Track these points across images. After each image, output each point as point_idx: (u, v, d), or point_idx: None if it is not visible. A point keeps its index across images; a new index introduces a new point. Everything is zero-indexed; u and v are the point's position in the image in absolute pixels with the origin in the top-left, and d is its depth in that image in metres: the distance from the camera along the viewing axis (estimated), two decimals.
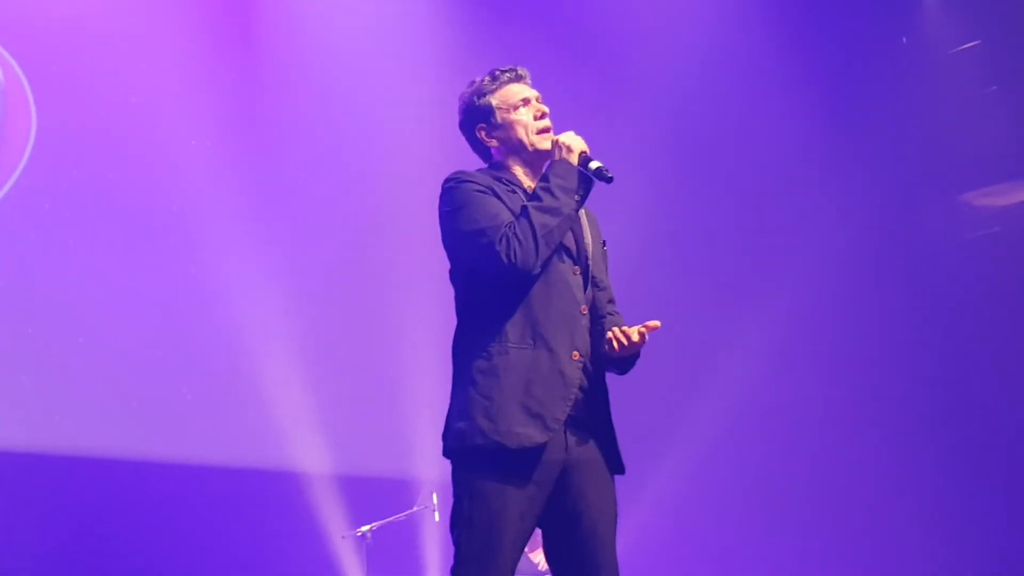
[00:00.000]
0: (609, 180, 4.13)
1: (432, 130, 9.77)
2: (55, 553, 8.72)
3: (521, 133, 4.24)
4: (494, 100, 4.27)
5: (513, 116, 4.25)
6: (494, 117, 4.26)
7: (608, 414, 4.19)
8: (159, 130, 9.44)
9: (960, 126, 10.78)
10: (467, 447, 4.00)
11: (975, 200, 11.06)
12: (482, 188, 4.10)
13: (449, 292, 4.23)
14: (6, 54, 9.25)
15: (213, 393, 9.48)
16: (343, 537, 9.08)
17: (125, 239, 9.39)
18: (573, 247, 4.18)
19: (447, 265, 4.22)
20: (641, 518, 9.64)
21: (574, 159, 4.11)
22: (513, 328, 4.03)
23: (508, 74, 4.31)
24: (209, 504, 9.19)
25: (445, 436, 4.10)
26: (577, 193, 4.07)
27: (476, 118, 4.30)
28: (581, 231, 4.26)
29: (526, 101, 4.27)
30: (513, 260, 3.95)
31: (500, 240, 3.97)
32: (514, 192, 4.15)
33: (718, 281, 10.76)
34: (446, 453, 4.10)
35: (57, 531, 8.77)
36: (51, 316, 9.11)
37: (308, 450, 9.54)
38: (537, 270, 4.01)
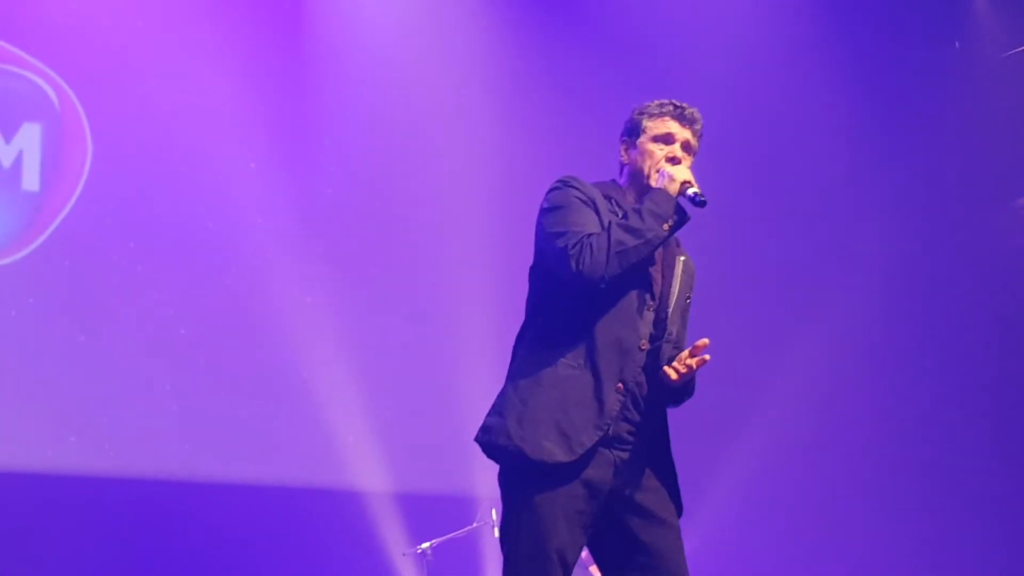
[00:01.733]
0: (702, 204, 4.12)
1: (501, 137, 9.84)
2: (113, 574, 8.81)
3: (647, 163, 4.23)
4: (647, 123, 4.27)
5: (649, 145, 4.24)
6: (637, 137, 4.28)
7: (668, 453, 4.16)
8: (212, 153, 9.50)
9: (1014, 130, 10.70)
10: (491, 443, 4.02)
11: None
12: (584, 197, 4.12)
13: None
14: (61, 80, 9.34)
15: (271, 414, 9.53)
16: (404, 555, 9.09)
17: (181, 260, 9.45)
18: (657, 288, 4.17)
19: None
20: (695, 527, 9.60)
21: (674, 188, 4.09)
22: (569, 345, 4.02)
23: (673, 108, 4.29)
24: (270, 525, 9.23)
25: (482, 429, 4.10)
26: (668, 221, 4.03)
27: (626, 131, 4.33)
28: (672, 277, 4.23)
29: (669, 139, 4.25)
30: (580, 267, 3.94)
31: (575, 245, 3.96)
32: (616, 213, 4.14)
33: (766, 294, 10.71)
34: (477, 439, 4.10)
35: (118, 553, 8.84)
36: (112, 339, 9.18)
37: (367, 468, 9.56)
38: (604, 284, 3.97)
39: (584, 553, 4.20)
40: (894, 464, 10.41)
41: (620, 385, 4.03)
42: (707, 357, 4.04)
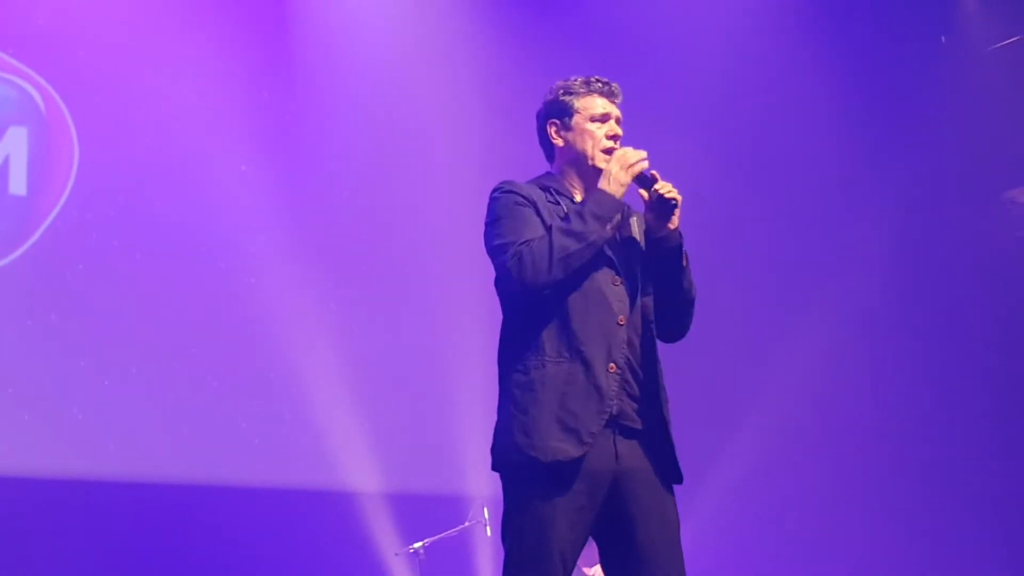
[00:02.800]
0: (653, 180, 4.14)
1: (481, 136, 9.84)
2: None
3: (587, 145, 4.23)
4: (577, 103, 4.26)
5: (587, 126, 4.23)
6: (569, 119, 4.26)
7: (664, 422, 4.14)
8: (201, 156, 9.48)
9: (1001, 123, 10.72)
10: (508, 462, 4.02)
11: (1019, 197, 10.98)
12: (522, 201, 4.11)
13: (495, 304, 4.22)
14: (47, 84, 9.32)
15: (262, 415, 9.51)
16: (396, 554, 9.09)
17: (170, 264, 9.43)
18: (618, 259, 4.16)
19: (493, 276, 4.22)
20: (693, 527, 9.60)
21: (618, 190, 4.08)
22: (550, 341, 4.02)
23: (601, 85, 4.30)
24: (262, 526, 9.21)
25: (492, 451, 4.11)
26: (610, 223, 4.03)
27: (553, 113, 4.29)
28: (630, 237, 4.25)
29: (605, 117, 4.26)
30: (523, 277, 3.95)
31: (513, 256, 3.97)
32: (558, 204, 4.15)
33: (760, 288, 10.72)
34: (494, 467, 4.11)
35: (112, 556, 8.81)
36: (101, 346, 9.16)
37: (359, 469, 9.55)
38: (548, 290, 3.99)
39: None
40: (890, 461, 10.42)
41: (612, 365, 4.03)
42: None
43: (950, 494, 10.30)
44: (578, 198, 4.22)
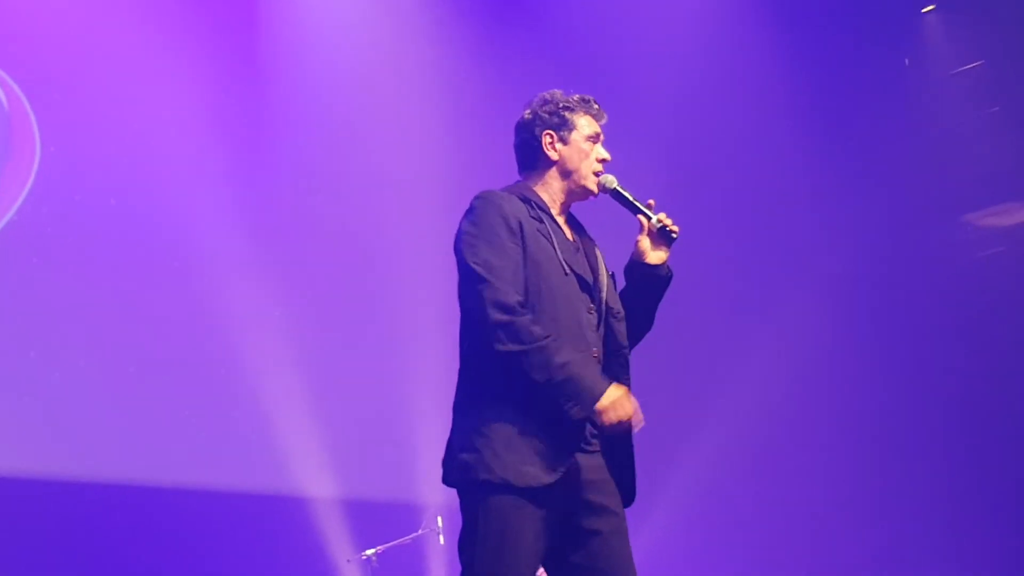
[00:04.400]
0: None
1: (444, 143, 9.83)
2: None
3: (583, 165, 4.28)
4: (575, 119, 4.30)
5: (583, 145, 4.28)
6: (568, 133, 4.28)
7: (630, 447, 4.16)
8: (164, 152, 9.44)
9: (963, 146, 10.80)
10: (472, 480, 3.97)
11: (978, 220, 11.07)
12: (510, 222, 4.06)
13: (455, 312, 4.15)
14: (8, 78, 9.26)
15: (218, 417, 9.47)
16: (348, 561, 9.06)
17: (128, 263, 9.38)
18: (590, 281, 4.19)
19: (455, 284, 4.18)
20: (647, 539, 9.62)
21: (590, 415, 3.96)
22: None
23: (596, 107, 4.35)
24: (214, 529, 9.16)
25: (447, 464, 4.06)
26: (577, 410, 3.91)
27: (551, 125, 4.30)
28: (596, 264, 4.26)
29: (597, 138, 4.32)
30: (504, 349, 3.91)
31: (506, 326, 3.91)
32: (542, 223, 4.15)
33: (720, 301, 10.77)
34: (448, 482, 4.07)
35: (56, 556, 8.75)
36: (54, 341, 9.10)
37: (313, 474, 9.53)
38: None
39: None
40: (849, 463, 10.47)
41: None
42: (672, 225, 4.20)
43: (907, 501, 10.36)
44: (555, 211, 4.23)
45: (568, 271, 4.11)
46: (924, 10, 11.15)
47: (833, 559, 10.27)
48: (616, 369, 4.16)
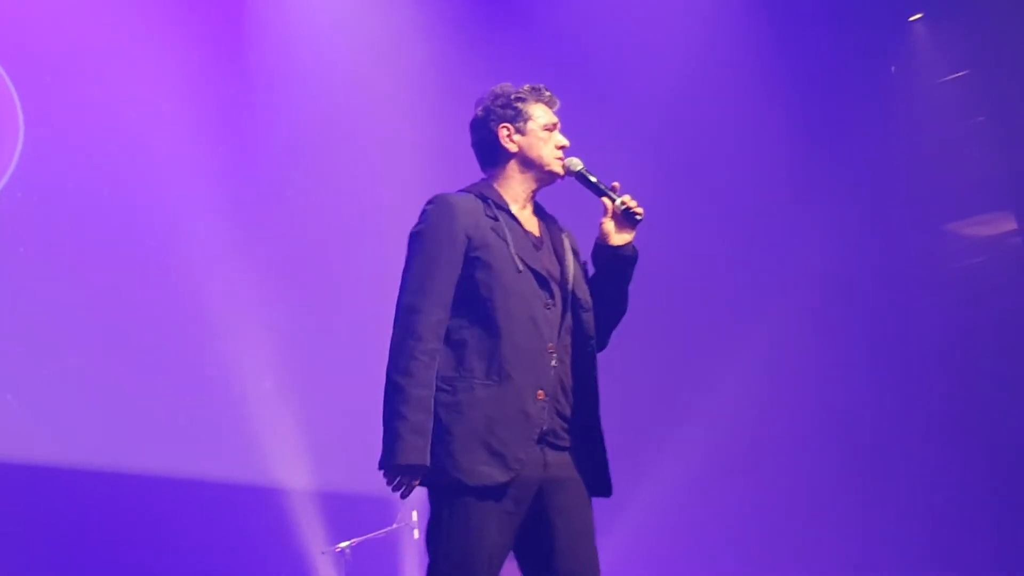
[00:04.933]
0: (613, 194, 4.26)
1: (429, 140, 9.83)
2: (30, 567, 8.68)
3: (544, 151, 4.31)
4: (531, 110, 4.33)
5: (541, 133, 4.31)
6: (523, 124, 4.32)
7: (599, 439, 4.19)
8: (149, 139, 9.43)
9: (947, 156, 10.83)
10: (433, 479, 4.01)
11: (961, 229, 11.10)
12: (449, 232, 4.11)
13: None
14: None
15: (194, 408, 9.46)
16: (323, 553, 9.06)
17: (112, 251, 9.37)
18: (552, 279, 4.20)
19: None
20: (621, 539, 9.64)
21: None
22: (480, 363, 4.04)
23: (549, 95, 4.39)
24: (189, 519, 9.15)
25: None
26: (398, 463, 3.96)
27: (506, 117, 4.33)
28: (563, 255, 4.28)
29: (554, 126, 4.35)
30: (395, 366, 4.01)
31: (412, 350, 3.99)
32: (497, 220, 4.17)
33: (704, 302, 10.80)
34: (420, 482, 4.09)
35: (33, 544, 8.72)
36: (37, 330, 9.08)
37: (289, 466, 9.52)
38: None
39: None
40: (830, 466, 10.49)
41: (540, 392, 4.06)
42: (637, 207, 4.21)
43: (888, 504, 10.38)
44: (514, 208, 4.26)
45: (522, 268, 4.13)
46: (912, 18, 11.18)
47: (814, 557, 10.28)
48: (582, 360, 4.19)
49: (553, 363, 4.10)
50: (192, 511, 9.17)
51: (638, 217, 4.23)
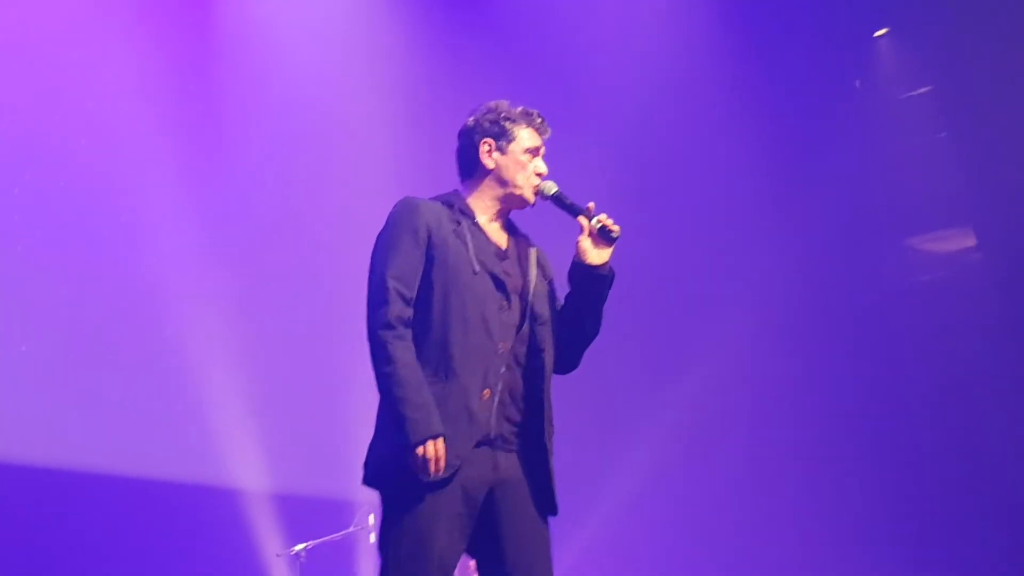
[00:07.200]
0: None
1: (392, 147, 9.82)
2: None
3: (520, 175, 4.33)
4: (516, 131, 4.35)
5: (520, 156, 4.33)
6: (506, 144, 4.33)
7: (544, 451, 4.21)
8: (109, 143, 9.37)
9: (909, 171, 10.90)
10: (382, 477, 4.08)
11: (922, 244, 11.17)
12: (414, 231, 4.15)
13: None
14: None
15: (149, 407, 9.40)
16: (277, 555, 9.02)
17: (70, 256, 9.29)
18: (512, 285, 4.24)
19: None
20: (577, 552, 9.67)
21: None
22: (428, 361, 4.08)
23: (539, 120, 4.40)
24: (143, 519, 9.10)
25: (365, 465, 4.14)
26: (410, 443, 3.98)
27: (490, 133, 4.35)
28: (527, 268, 4.30)
29: (536, 151, 4.38)
30: (374, 355, 4.07)
31: (386, 337, 4.05)
32: (459, 224, 4.20)
33: (666, 311, 10.83)
34: (366, 482, 4.15)
35: None
36: None
37: (245, 467, 9.48)
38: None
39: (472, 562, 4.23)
40: (780, 467, 10.55)
41: (486, 392, 4.09)
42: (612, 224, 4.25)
43: (836, 496, 10.45)
44: (481, 218, 4.29)
45: (479, 270, 4.16)
46: (876, 34, 11.24)
47: (781, 560, 10.34)
48: (534, 371, 4.21)
49: (503, 367, 4.14)
50: (146, 512, 9.12)
51: (614, 235, 4.27)
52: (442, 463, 3.97)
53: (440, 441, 3.96)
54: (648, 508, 10.41)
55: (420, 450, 3.94)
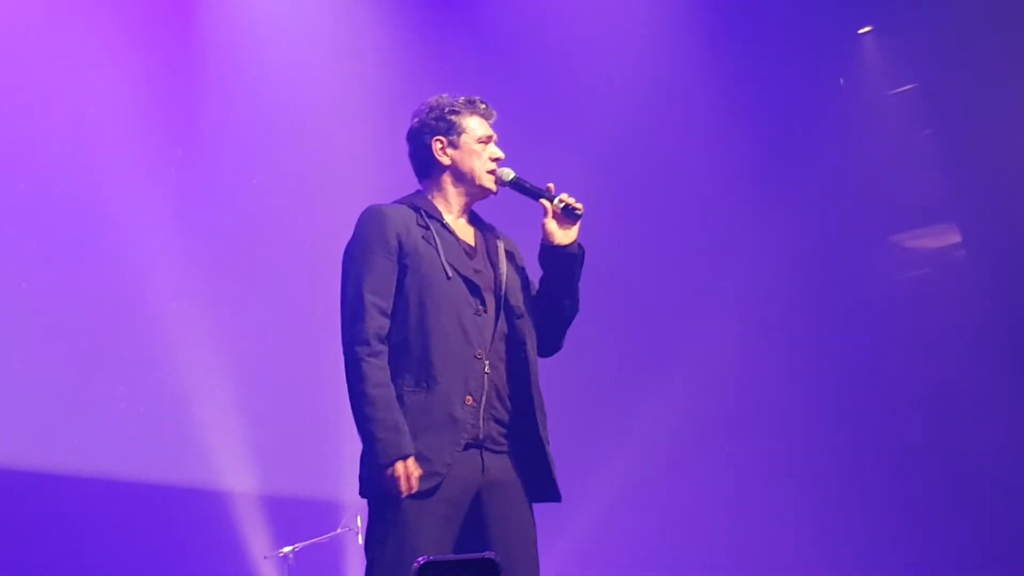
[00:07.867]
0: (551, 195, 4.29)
1: (373, 147, 9.81)
2: None
3: (476, 165, 4.34)
4: (463, 123, 4.35)
5: (474, 146, 4.34)
6: (457, 137, 4.33)
7: (540, 442, 4.20)
8: (93, 137, 9.34)
9: (894, 168, 10.91)
10: (368, 489, 4.12)
11: (906, 242, 11.19)
12: (381, 240, 4.16)
13: None
14: None
15: (138, 409, 9.38)
16: (265, 558, 9.01)
17: (55, 256, 9.25)
18: (484, 283, 4.24)
19: None
20: (567, 547, 9.65)
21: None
22: (409, 371, 4.11)
23: (484, 107, 4.42)
24: (130, 522, 9.07)
25: (360, 479, 4.17)
26: (385, 466, 4.02)
27: (439, 130, 4.36)
28: (497, 262, 4.29)
29: (489, 139, 4.38)
30: (349, 374, 4.13)
31: (360, 354, 4.10)
32: (428, 228, 4.21)
33: (649, 315, 10.83)
34: (361, 493, 4.19)
35: None
36: None
37: (232, 469, 9.45)
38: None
39: None
40: (768, 463, 10.56)
41: (469, 398, 4.10)
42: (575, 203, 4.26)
43: (828, 499, 10.46)
44: (448, 218, 4.30)
45: (452, 275, 4.17)
46: (861, 31, 11.26)
47: (772, 558, 10.35)
48: (518, 366, 4.20)
49: (486, 370, 4.15)
50: (133, 514, 9.09)
51: (578, 212, 4.28)
52: (414, 481, 4.00)
53: (411, 461, 3.99)
54: (637, 505, 10.40)
55: (390, 471, 3.97)
